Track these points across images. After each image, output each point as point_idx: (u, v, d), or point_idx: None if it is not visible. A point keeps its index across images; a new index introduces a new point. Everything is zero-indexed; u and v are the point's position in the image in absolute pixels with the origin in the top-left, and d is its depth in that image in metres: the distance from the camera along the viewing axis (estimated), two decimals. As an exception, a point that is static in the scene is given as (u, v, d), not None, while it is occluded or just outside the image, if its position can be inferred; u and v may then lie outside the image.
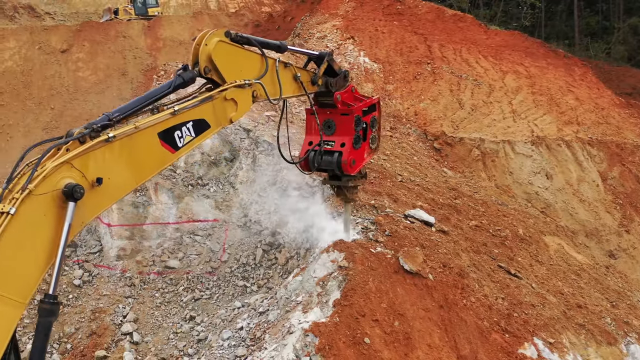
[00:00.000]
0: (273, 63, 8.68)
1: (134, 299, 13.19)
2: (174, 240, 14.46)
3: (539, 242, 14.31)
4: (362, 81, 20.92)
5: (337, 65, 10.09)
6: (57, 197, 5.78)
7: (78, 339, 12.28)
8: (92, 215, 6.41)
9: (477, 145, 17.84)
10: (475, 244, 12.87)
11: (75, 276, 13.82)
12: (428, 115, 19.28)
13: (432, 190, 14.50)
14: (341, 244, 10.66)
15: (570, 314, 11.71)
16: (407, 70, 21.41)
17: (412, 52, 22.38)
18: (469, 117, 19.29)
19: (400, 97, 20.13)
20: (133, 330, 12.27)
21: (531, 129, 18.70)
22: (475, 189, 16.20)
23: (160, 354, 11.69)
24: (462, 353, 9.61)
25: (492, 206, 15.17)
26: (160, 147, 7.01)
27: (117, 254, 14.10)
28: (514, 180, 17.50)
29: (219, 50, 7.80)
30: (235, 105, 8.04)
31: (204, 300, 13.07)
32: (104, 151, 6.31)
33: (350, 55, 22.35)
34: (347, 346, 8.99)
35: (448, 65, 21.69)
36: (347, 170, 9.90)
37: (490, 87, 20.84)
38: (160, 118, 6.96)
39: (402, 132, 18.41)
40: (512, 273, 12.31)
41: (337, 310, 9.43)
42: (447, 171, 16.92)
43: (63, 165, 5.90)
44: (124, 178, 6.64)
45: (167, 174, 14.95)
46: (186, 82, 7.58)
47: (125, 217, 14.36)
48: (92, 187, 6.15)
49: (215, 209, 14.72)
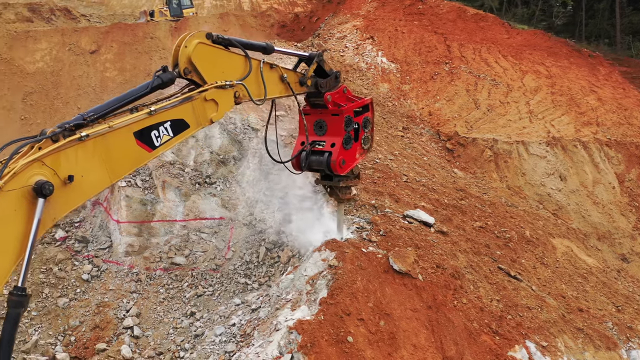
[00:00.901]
0: (257, 64, 8.76)
1: (138, 294, 13.49)
2: (181, 238, 14.72)
3: (546, 245, 14.10)
4: (379, 81, 20.90)
5: (327, 66, 10.14)
6: (27, 193, 5.98)
7: (82, 331, 12.62)
8: (64, 212, 6.62)
9: (490, 146, 17.64)
10: (476, 245, 12.78)
11: (84, 271, 14.20)
12: (442, 115, 19.15)
13: (438, 191, 14.43)
14: (333, 243, 10.72)
15: (569, 317, 11.53)
16: (425, 70, 21.30)
17: (430, 52, 22.25)
18: (484, 117, 19.09)
19: (416, 97, 20.04)
20: (134, 325, 12.55)
21: (547, 130, 18.40)
22: (484, 190, 16.04)
23: (158, 348, 11.94)
24: (448, 354, 9.57)
25: (500, 207, 15.01)
26: (135, 146, 7.17)
27: (126, 250, 14.43)
28: (526, 182, 17.25)
29: (199, 52, 7.91)
30: (216, 106, 8.15)
31: (206, 296, 13.28)
32: (76, 150, 6.50)
33: (368, 55, 22.34)
34: (330, 344, 9.04)
35: (466, 65, 21.49)
36: (337, 170, 9.95)
37: (508, 87, 20.57)
38: (136, 118, 7.12)
39: (414, 132, 18.34)
40: (512, 275, 12.18)
41: (323, 309, 9.49)
42: (457, 172, 16.79)
43: (34, 163, 6.10)
44: (98, 176, 6.81)
45: (176, 173, 15.24)
46: (165, 83, 7.71)
47: (133, 214, 14.68)
48: (63, 184, 6.35)
49: (222, 207, 14.95)
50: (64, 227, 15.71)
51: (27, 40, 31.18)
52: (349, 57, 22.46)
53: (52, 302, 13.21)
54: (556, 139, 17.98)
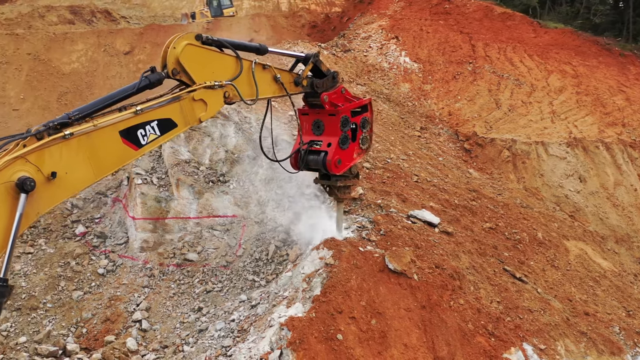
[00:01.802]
0: (249, 65, 8.92)
1: (150, 289, 13.80)
2: (194, 235, 14.99)
3: (559, 247, 13.88)
4: (400, 81, 20.87)
5: (324, 67, 10.24)
6: (10, 189, 6.27)
7: (93, 324, 13.00)
8: (48, 207, 6.91)
9: (508, 147, 17.41)
10: (483, 246, 12.67)
11: (100, 265, 14.61)
12: (462, 115, 19.00)
13: (449, 191, 14.35)
14: (331, 242, 10.81)
15: (573, 321, 11.34)
16: (447, 70, 21.15)
17: (454, 51, 22.08)
18: (504, 117, 18.85)
19: (436, 97, 19.93)
20: (143, 318, 12.87)
21: (569, 130, 18.06)
22: (499, 191, 15.86)
23: (164, 342, 12.21)
24: (440, 354, 9.55)
25: (513, 209, 14.83)
26: (121, 144, 7.40)
27: (141, 245, 14.77)
28: (543, 183, 16.97)
29: (187, 53, 8.10)
30: (205, 106, 8.34)
31: (215, 292, 13.50)
32: (60, 147, 6.76)
33: (391, 55, 22.32)
34: (319, 341, 9.14)
35: (490, 65, 21.25)
36: (332, 170, 10.04)
37: (531, 87, 20.25)
38: (121, 117, 7.35)
39: (432, 132, 18.25)
40: (517, 277, 12.05)
41: (315, 306, 9.60)
42: (472, 172, 16.64)
43: (17, 160, 6.39)
44: (83, 173, 7.06)
45: (191, 171, 15.53)
46: (152, 83, 7.91)
47: (148, 211, 15.03)
48: (47, 180, 6.64)
49: (234, 205, 15.16)
50: (85, 222, 16.18)
51: (65, 42, 32.17)
52: (372, 57, 22.47)
53: (67, 294, 13.64)
54: (577, 139, 17.62)
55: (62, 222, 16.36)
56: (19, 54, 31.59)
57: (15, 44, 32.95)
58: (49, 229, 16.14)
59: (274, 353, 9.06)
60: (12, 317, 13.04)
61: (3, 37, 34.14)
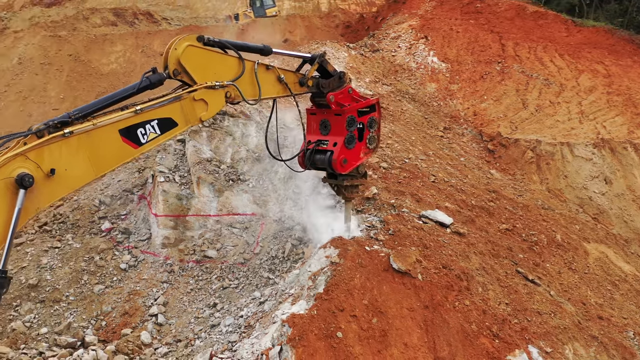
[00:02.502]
0: (251, 66, 9.11)
1: (169, 284, 14.13)
2: (214, 232, 15.27)
3: (578, 249, 13.63)
4: (427, 81, 20.78)
5: (331, 67, 10.36)
6: (10, 184, 6.61)
7: (112, 317, 13.39)
8: (48, 202, 7.24)
9: (532, 147, 17.15)
10: (496, 247, 12.56)
11: (123, 261, 15.02)
12: (487, 115, 18.80)
13: (466, 192, 14.26)
14: (338, 241, 10.90)
15: (585, 324, 11.15)
16: (476, 69, 20.96)
17: (483, 51, 21.86)
18: (530, 117, 18.57)
19: (462, 97, 19.77)
20: (159, 313, 13.19)
21: (597, 131, 17.67)
22: (520, 192, 15.65)
23: (178, 336, 12.49)
24: (440, 354, 9.53)
25: (533, 210, 14.62)
26: (121, 143, 7.68)
27: (162, 242, 15.12)
28: (567, 184, 16.65)
29: (188, 54, 8.34)
30: (206, 106, 8.57)
31: (231, 289, 13.73)
32: (60, 145, 7.07)
33: (419, 55, 22.24)
34: (319, 339, 9.25)
35: (519, 64, 20.96)
36: (338, 169, 10.15)
37: (561, 87, 19.89)
38: (121, 116, 7.64)
39: (456, 132, 18.12)
40: (530, 279, 11.90)
41: (317, 304, 9.70)
42: (493, 173, 16.46)
43: (17, 157, 6.73)
44: (82, 170, 7.37)
45: (212, 170, 15.82)
46: (153, 84, 8.17)
47: (170, 208, 15.38)
48: (47, 177, 6.95)
49: (253, 204, 15.38)
50: (111, 219, 16.65)
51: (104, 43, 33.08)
52: (400, 57, 22.42)
53: (88, 288, 14.08)
54: (605, 140, 17.22)
55: (90, 218, 16.88)
56: (60, 55, 32.65)
57: (58, 46, 34.05)
58: (77, 225, 16.67)
59: (275, 349, 9.21)
60: (35, 309, 13.55)
61: (47, 39, 35.33)
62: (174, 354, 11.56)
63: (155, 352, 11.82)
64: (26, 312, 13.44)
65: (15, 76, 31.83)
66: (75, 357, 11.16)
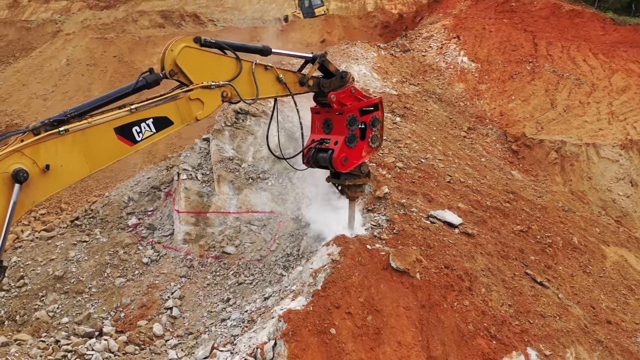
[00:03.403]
0: (249, 66, 9.34)
1: (187, 279, 14.53)
2: (234, 229, 15.60)
3: (595, 252, 13.36)
4: (455, 81, 20.66)
5: (332, 67, 10.50)
6: (7, 179, 7.05)
7: (131, 309, 13.87)
8: (44, 196, 7.67)
9: (556, 148, 16.83)
10: (507, 248, 12.44)
11: (146, 255, 15.53)
12: (513, 115, 18.56)
13: (482, 192, 14.15)
14: (341, 239, 11.02)
15: (591, 329, 10.95)
16: (505, 69, 20.70)
17: (515, 50, 21.55)
18: (558, 118, 18.23)
19: (490, 97, 19.57)
20: (174, 306, 13.59)
21: (626, 132, 17.19)
22: (540, 194, 15.41)
23: (190, 329, 12.84)
24: (433, 354, 9.55)
25: (552, 212, 14.40)
26: (116, 140, 8.04)
27: (184, 237, 15.55)
28: (591, 186, 16.27)
29: (184, 55, 8.64)
30: (202, 105, 8.84)
31: (245, 285, 14.01)
32: (56, 142, 7.48)
33: (449, 55, 22.11)
34: (312, 334, 9.40)
35: (551, 64, 20.59)
36: (338, 167, 10.30)
37: (592, 87, 19.44)
38: (116, 115, 8.00)
39: (480, 132, 17.96)
40: (538, 281, 11.76)
41: (314, 300, 9.86)
42: (514, 174, 16.25)
43: (14, 153, 7.17)
44: (77, 166, 7.76)
45: (232, 168, 16.15)
46: (149, 84, 8.50)
47: (191, 205, 15.80)
48: (42, 172, 7.37)
49: (272, 202, 15.65)
50: (138, 214, 17.21)
51: (147, 45, 34.02)
52: (430, 57, 22.33)
53: (110, 281, 14.62)
54: (633, 141, 16.75)
55: (119, 214, 17.49)
56: (105, 57, 33.76)
57: (103, 47, 35.20)
58: (105, 220, 17.31)
59: (269, 343, 9.42)
60: (60, 300, 14.17)
61: (94, 41, 36.57)
62: (182, 346, 11.91)
63: (166, 343, 12.20)
64: (51, 302, 14.07)
65: (63, 77, 33.09)
66: (88, 345, 11.63)
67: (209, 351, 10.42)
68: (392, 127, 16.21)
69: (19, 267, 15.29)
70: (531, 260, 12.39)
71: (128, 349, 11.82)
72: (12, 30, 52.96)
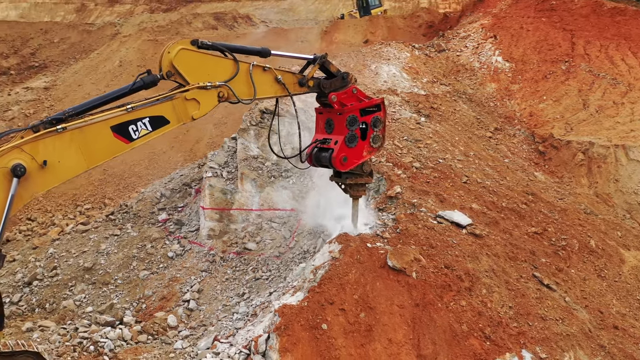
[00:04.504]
0: (246, 67, 9.64)
1: (208, 273, 14.99)
2: (256, 226, 15.99)
3: (612, 256, 13.07)
4: (487, 81, 20.47)
5: (333, 67, 10.70)
6: (6, 173, 7.62)
7: (152, 301, 14.44)
8: (43, 189, 8.24)
9: (583, 150, 16.43)
10: (517, 250, 12.33)
11: (171, 249, 16.11)
12: (543, 116, 18.23)
13: (499, 193, 14.04)
14: (343, 237, 11.21)
15: (596, 333, 10.76)
16: (540, 69, 20.34)
17: (551, 49, 21.13)
18: (589, 118, 17.80)
19: (521, 97, 19.29)
20: (191, 299, 14.07)
21: (661, 133, 16.65)
22: (562, 195, 15.13)
23: (204, 321, 13.27)
24: (423, 352, 9.63)
25: (571, 214, 14.14)
26: (112, 138, 8.50)
27: (208, 233, 16.05)
28: (617, 189, 15.81)
29: (181, 57, 9.01)
30: (198, 105, 9.20)
31: (262, 280, 14.35)
32: (54, 140, 8.00)
33: (484, 55, 21.90)
34: (304, 329, 9.64)
35: (587, 63, 20.09)
36: (337, 166, 10.50)
37: (628, 87, 18.87)
38: (112, 114, 8.46)
39: (507, 133, 17.75)
40: (545, 284, 11.62)
41: (309, 296, 10.10)
42: (537, 175, 15.99)
43: (13, 149, 7.74)
44: (74, 162, 8.26)
45: (256, 166, 16.56)
46: (147, 84, 8.92)
47: (215, 202, 16.28)
48: (40, 168, 7.91)
49: (293, 200, 15.95)
50: (168, 210, 17.85)
51: (195, 46, 34.86)
52: (465, 57, 22.16)
53: (135, 273, 15.25)
54: (666, 144, 16.21)
55: (151, 209, 18.18)
56: (155, 58, 34.77)
57: (154, 49, 36.40)
58: (138, 215, 18.03)
59: (263, 336, 9.73)
60: (87, 290, 14.89)
61: (145, 42, 37.90)
62: (192, 337, 12.36)
63: (178, 334, 12.69)
64: (78, 292, 14.81)
65: (115, 77, 34.43)
66: (102, 333, 12.22)
67: (210, 342, 10.82)
68: (414, 127, 16.24)
69: (54, 259, 16.14)
70: (542, 262, 12.24)
71: (141, 338, 12.36)
72: (74, 33, 55.38)
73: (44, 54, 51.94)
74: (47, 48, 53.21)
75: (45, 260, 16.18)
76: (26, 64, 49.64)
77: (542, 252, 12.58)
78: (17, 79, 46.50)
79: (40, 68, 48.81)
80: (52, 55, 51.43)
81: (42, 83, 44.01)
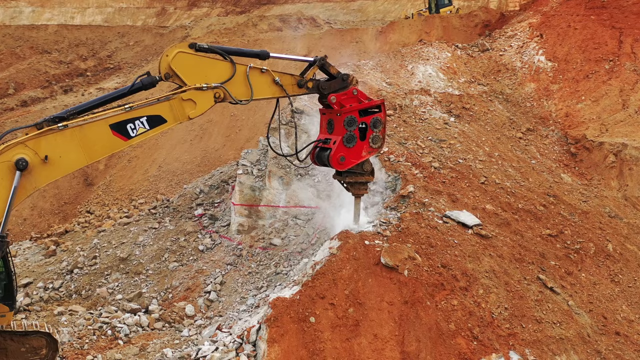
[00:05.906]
0: (243, 69, 10.11)
1: (233, 267, 15.62)
2: (282, 222, 16.50)
3: (630, 262, 12.74)
4: (527, 81, 20.16)
5: (333, 69, 11.00)
6: (11, 167, 8.48)
7: (178, 291, 15.19)
8: (45, 182, 9.08)
9: (615, 152, 15.92)
10: (525, 252, 12.24)
11: (203, 243, 16.86)
12: (579, 116, 17.79)
13: (517, 195, 13.92)
14: (343, 234, 11.50)
15: (594, 338, 10.59)
16: (582, 68, 19.81)
17: (597, 48, 20.52)
18: (627, 119, 17.21)
19: (559, 98, 18.87)
20: (212, 290, 14.71)
21: (701, 136, 15.91)
22: (587, 198, 14.78)
23: (221, 312, 13.88)
24: (407, 349, 9.81)
25: (592, 217, 13.85)
26: (111, 136, 9.21)
27: (237, 228, 16.70)
28: (647, 193, 15.28)
29: (178, 60, 9.60)
30: (194, 105, 9.76)
31: (282, 275, 14.82)
32: (56, 136, 8.79)
33: (527, 54, 21.54)
34: (293, 321, 10.02)
35: (632, 63, 19.39)
36: (335, 166, 10.81)
37: (674, 87, 18.12)
38: (111, 113, 9.17)
39: (540, 134, 17.45)
40: (549, 287, 11.50)
41: (301, 290, 10.47)
42: (563, 177, 15.66)
43: (18, 145, 8.59)
44: (75, 157, 9.03)
45: (284, 164, 17.04)
46: (145, 86, 9.57)
47: (244, 198, 16.89)
48: (43, 162, 8.73)
49: (317, 198, 16.32)
50: (205, 206, 18.66)
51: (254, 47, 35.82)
52: (507, 57, 21.84)
53: (165, 265, 16.08)
54: None
55: (189, 205, 19.05)
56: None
57: (214, 51, 37.34)
58: (177, 210, 18.93)
59: (256, 327, 10.18)
60: (120, 279, 15.84)
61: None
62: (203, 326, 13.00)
63: (194, 323, 13.36)
64: (113, 281, 15.78)
65: (176, 78, 35.72)
66: (122, 319, 13.04)
67: (213, 331, 11.40)
68: (440, 128, 16.29)
69: (96, 249, 17.23)
70: (550, 265, 12.11)
71: (157, 325, 13.11)
72: (148, 36, 57.86)
73: (119, 56, 54.59)
74: (122, 50, 55.90)
75: (89, 250, 17.27)
76: (102, 66, 52.27)
77: (553, 254, 12.42)
78: (93, 80, 49.07)
79: (115, 70, 51.34)
80: (126, 57, 53.97)
81: (114, 84, 46.33)
